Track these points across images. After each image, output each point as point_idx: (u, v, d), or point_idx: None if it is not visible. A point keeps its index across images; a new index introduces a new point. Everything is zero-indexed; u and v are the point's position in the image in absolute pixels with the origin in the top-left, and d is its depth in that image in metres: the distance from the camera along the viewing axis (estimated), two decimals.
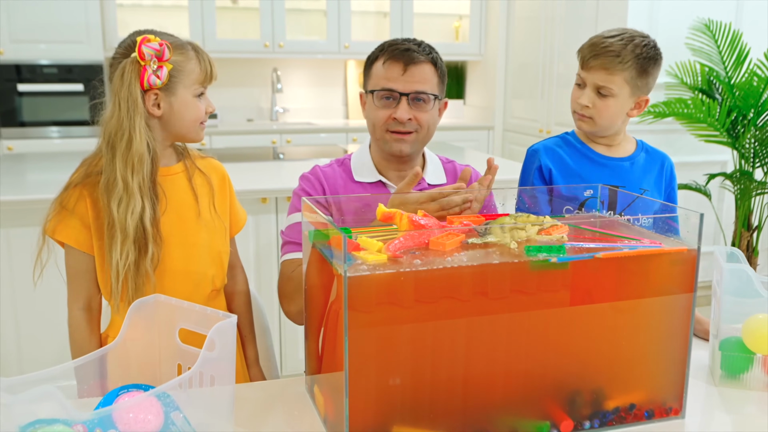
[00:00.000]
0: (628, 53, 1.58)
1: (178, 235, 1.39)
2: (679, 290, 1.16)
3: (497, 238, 1.12)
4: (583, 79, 1.65)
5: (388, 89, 1.52)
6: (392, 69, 1.52)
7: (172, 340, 1.09)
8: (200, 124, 1.41)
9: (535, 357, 1.11)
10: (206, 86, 1.41)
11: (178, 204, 1.41)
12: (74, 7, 4.17)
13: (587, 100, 1.62)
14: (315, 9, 4.98)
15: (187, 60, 1.36)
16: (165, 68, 1.33)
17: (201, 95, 1.40)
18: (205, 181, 1.47)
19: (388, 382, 1.05)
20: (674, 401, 1.21)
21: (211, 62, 1.41)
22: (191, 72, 1.36)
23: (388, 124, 1.53)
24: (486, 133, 5.17)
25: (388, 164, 1.62)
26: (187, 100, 1.37)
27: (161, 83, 1.33)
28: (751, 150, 3.44)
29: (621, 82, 1.60)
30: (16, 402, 0.75)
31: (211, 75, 1.40)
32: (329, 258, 1.08)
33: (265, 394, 1.30)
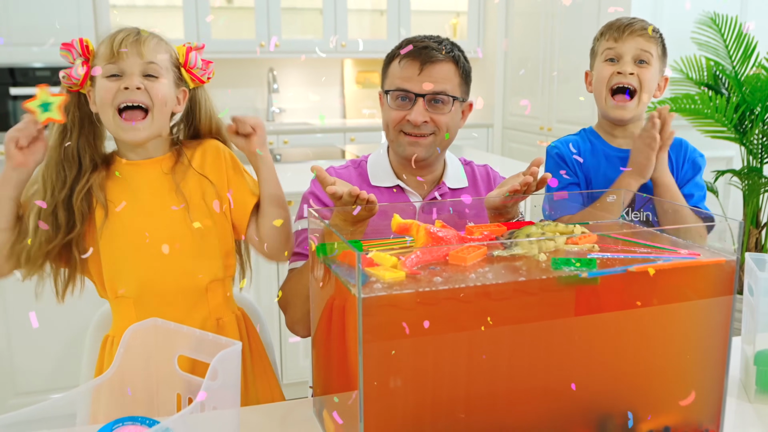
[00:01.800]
0: (654, 30, 1.58)
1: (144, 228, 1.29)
2: (716, 306, 1.08)
3: (524, 250, 1.04)
4: (618, 53, 1.56)
5: (402, 90, 1.43)
6: (408, 68, 1.42)
7: (171, 368, 1.01)
8: (116, 113, 1.25)
9: (563, 378, 1.03)
10: (116, 62, 1.25)
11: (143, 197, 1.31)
12: (67, 10, 4.07)
13: (630, 68, 1.55)
14: (311, 7, 4.89)
15: (101, 45, 1.28)
16: (79, 63, 1.27)
17: (114, 76, 1.25)
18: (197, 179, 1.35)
19: (407, 407, 0.97)
20: (710, 423, 1.13)
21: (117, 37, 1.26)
22: (101, 55, 1.27)
23: (401, 125, 1.44)
24: (486, 131, 5.10)
25: (404, 168, 1.52)
26: (99, 86, 1.26)
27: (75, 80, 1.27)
28: (759, 146, 3.37)
29: (656, 52, 1.57)
30: None
31: (111, 49, 1.25)
32: (340, 276, 1.00)
33: (270, 419, 1.21)
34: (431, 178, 1.54)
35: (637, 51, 1.55)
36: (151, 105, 1.26)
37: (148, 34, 1.29)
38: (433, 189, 1.54)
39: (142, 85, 1.25)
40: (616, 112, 1.58)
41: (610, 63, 1.58)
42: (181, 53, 1.34)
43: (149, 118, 1.27)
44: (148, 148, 1.33)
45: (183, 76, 1.35)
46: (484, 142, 5.09)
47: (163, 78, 1.28)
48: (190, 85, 1.37)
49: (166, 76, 1.29)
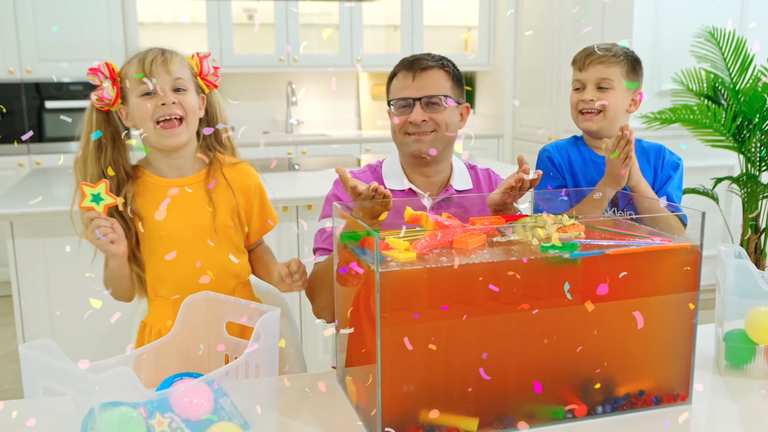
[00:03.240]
0: (618, 51, 1.76)
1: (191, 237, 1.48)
2: (683, 284, 1.26)
3: (519, 236, 1.22)
4: (581, 81, 1.78)
5: (401, 98, 1.63)
6: (404, 79, 1.64)
7: (220, 333, 1.20)
8: (156, 125, 1.43)
9: (550, 347, 1.21)
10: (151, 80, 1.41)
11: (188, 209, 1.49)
12: (98, 27, 4.32)
13: (591, 94, 1.75)
14: (328, 23, 5.11)
15: (129, 66, 1.44)
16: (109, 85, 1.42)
17: (147, 94, 1.42)
18: (229, 191, 1.54)
19: (417, 370, 1.15)
20: (681, 388, 1.30)
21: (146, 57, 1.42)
22: (131, 75, 1.43)
23: (405, 127, 1.63)
24: (496, 141, 5.28)
25: (413, 170, 1.70)
26: (133, 103, 1.43)
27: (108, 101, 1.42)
28: (757, 154, 3.53)
29: (618, 75, 1.74)
30: (98, 380, 0.86)
31: (143, 67, 1.40)
32: (361, 257, 1.18)
33: (300, 385, 1.40)
34: (439, 180, 1.72)
35: (597, 79, 1.75)
36: (185, 114, 1.45)
37: (171, 53, 1.47)
38: (441, 191, 1.72)
39: (176, 99, 1.44)
40: (584, 124, 1.80)
41: (577, 91, 1.79)
42: (195, 63, 1.52)
43: (184, 125, 1.46)
44: (184, 168, 1.51)
45: (199, 83, 1.53)
46: (495, 152, 5.27)
47: (189, 89, 1.47)
48: (206, 91, 1.54)
49: (190, 87, 1.48)
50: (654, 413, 1.27)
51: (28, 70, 4.24)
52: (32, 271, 2.61)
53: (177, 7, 4.84)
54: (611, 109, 1.74)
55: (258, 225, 1.61)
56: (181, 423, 1.06)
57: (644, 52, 1.81)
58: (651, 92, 3.87)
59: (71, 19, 4.26)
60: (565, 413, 1.23)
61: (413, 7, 5.06)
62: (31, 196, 2.80)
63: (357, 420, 1.24)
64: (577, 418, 1.23)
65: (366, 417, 1.21)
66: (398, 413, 1.16)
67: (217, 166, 1.56)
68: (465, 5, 5.42)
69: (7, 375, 3.26)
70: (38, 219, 2.56)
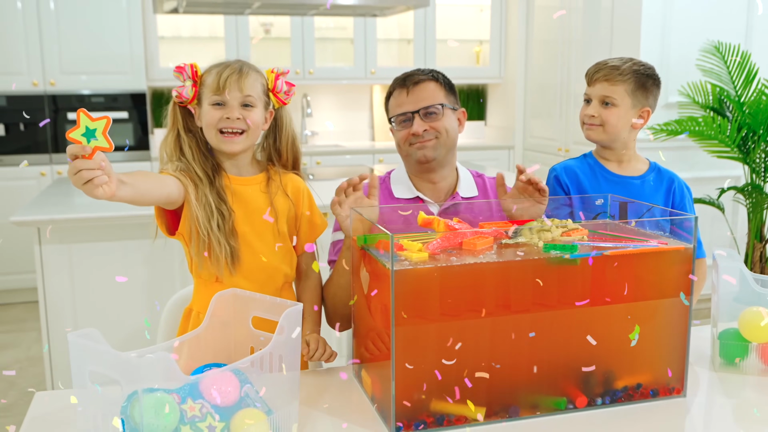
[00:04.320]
0: (627, 68, 1.83)
1: (253, 235, 1.58)
2: (677, 283, 1.35)
3: (526, 239, 1.31)
4: (589, 95, 1.88)
5: (400, 113, 1.74)
6: (400, 95, 1.75)
7: (246, 327, 1.29)
8: (219, 133, 1.54)
9: (553, 341, 1.30)
10: (222, 94, 1.52)
11: (251, 209, 1.59)
12: (120, 41, 4.47)
13: (593, 110, 1.85)
14: (343, 37, 5.24)
15: (208, 75, 1.55)
16: (190, 86, 1.55)
17: (218, 104, 1.53)
18: (284, 195, 1.64)
19: (429, 362, 1.24)
20: (676, 382, 1.38)
21: (223, 72, 1.53)
22: (208, 85, 1.54)
23: (409, 140, 1.73)
24: (507, 152, 5.37)
25: (420, 179, 1.80)
26: (205, 109, 1.54)
27: (186, 98, 1.55)
28: (762, 165, 3.60)
29: (622, 92, 1.82)
30: (141, 364, 0.96)
31: (218, 83, 1.52)
32: (377, 257, 1.28)
33: (319, 379, 1.50)
34: (445, 186, 1.81)
35: (601, 96, 1.84)
36: (246, 128, 1.56)
37: (248, 69, 1.58)
38: (448, 198, 1.81)
39: (241, 115, 1.55)
40: (586, 133, 1.90)
41: (585, 104, 1.89)
42: (270, 79, 1.62)
43: (244, 136, 1.57)
44: (241, 168, 1.62)
45: (270, 98, 1.63)
46: (506, 163, 5.36)
47: (257, 106, 1.58)
48: (276, 106, 1.65)
49: (259, 104, 1.58)
50: (650, 405, 1.35)
51: (51, 83, 4.39)
52: (58, 277, 2.73)
53: (196, 21, 4.99)
54: (611, 125, 1.83)
55: (307, 231, 1.69)
56: (210, 408, 1.15)
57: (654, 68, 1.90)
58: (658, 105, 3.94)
59: (93, 33, 4.41)
60: (567, 404, 1.32)
61: (426, 21, 5.18)
62: (56, 204, 2.92)
63: (372, 409, 1.34)
64: (577, 409, 1.32)
65: (380, 406, 1.31)
66: (411, 404, 1.25)
67: (274, 171, 1.66)
68: (477, 19, 5.54)
69: (30, 378, 3.37)
70: (65, 225, 2.68)
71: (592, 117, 1.85)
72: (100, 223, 2.71)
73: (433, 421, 1.25)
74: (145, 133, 4.64)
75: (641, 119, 1.86)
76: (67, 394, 1.33)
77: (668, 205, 1.93)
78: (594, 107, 1.85)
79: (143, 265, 2.80)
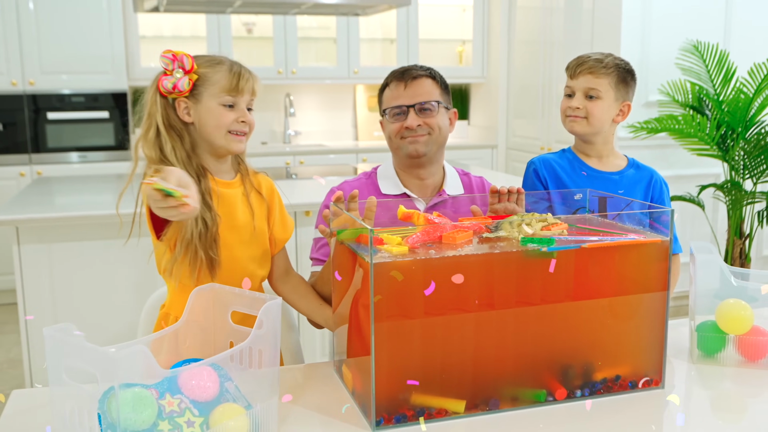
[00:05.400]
0: (609, 62, 1.85)
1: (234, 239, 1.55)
2: (655, 276, 1.36)
3: (507, 233, 1.32)
4: (571, 88, 1.88)
5: (396, 106, 1.75)
6: (396, 88, 1.76)
7: (226, 322, 1.29)
8: (229, 133, 1.51)
9: (532, 335, 1.30)
10: (236, 96, 1.50)
11: (233, 213, 1.56)
12: (100, 40, 4.44)
13: (578, 102, 1.85)
14: (325, 37, 5.23)
15: (215, 72, 1.50)
16: (187, 77, 1.49)
17: (231, 106, 1.50)
18: (259, 196, 1.63)
19: (409, 355, 1.24)
20: (654, 374, 1.39)
21: (242, 75, 1.51)
22: (217, 82, 1.49)
23: (401, 132, 1.74)
24: (490, 151, 5.39)
25: (408, 174, 1.80)
26: (210, 107, 1.49)
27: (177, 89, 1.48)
28: (741, 162, 3.64)
29: (606, 85, 1.83)
30: (119, 357, 0.95)
31: (238, 86, 1.49)
32: (357, 251, 1.28)
33: (299, 374, 1.49)
34: (432, 183, 1.82)
35: (585, 88, 1.85)
36: (248, 131, 1.56)
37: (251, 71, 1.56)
38: (435, 196, 1.82)
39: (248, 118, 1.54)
40: (569, 125, 1.90)
41: (567, 98, 1.89)
42: None
43: (245, 137, 1.56)
44: (224, 170, 1.59)
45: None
46: (489, 162, 5.38)
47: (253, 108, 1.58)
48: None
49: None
50: (629, 397, 1.36)
51: (30, 82, 4.35)
52: (37, 277, 2.70)
53: (177, 20, 4.96)
54: (595, 118, 1.84)
55: (279, 231, 1.68)
56: (189, 404, 1.15)
57: (632, 65, 1.91)
58: (638, 103, 3.99)
59: (74, 33, 4.38)
60: (546, 396, 1.32)
61: (409, 21, 5.19)
62: (35, 203, 2.89)
63: (353, 404, 1.33)
64: (557, 401, 1.33)
65: (361, 401, 1.31)
66: (391, 397, 1.25)
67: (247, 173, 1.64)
68: (459, 19, 5.55)
69: (10, 380, 3.34)
70: (44, 225, 2.65)
71: (576, 109, 1.85)
72: (80, 222, 2.68)
73: (413, 415, 1.26)
74: (126, 132, 4.61)
75: (621, 113, 1.87)
76: (45, 392, 1.31)
77: (647, 200, 1.94)
78: (578, 99, 1.85)
79: (125, 265, 2.78)
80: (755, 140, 3.55)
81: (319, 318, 1.69)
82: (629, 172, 1.92)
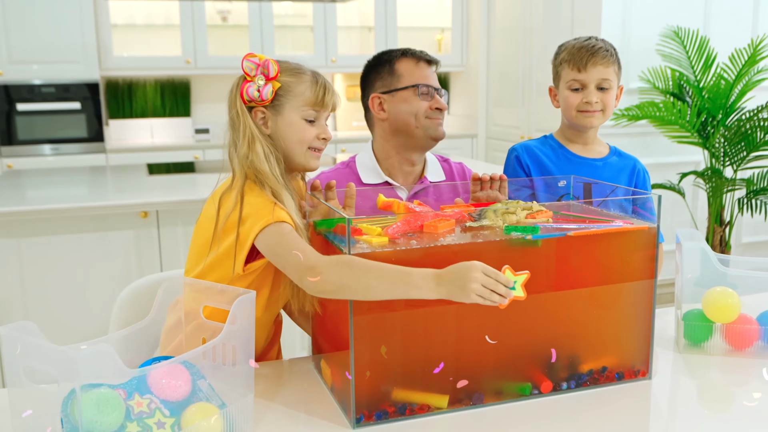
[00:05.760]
0: (611, 48, 1.80)
1: None
2: (642, 264, 1.32)
3: (491, 222, 1.27)
4: (581, 82, 1.78)
5: (428, 85, 1.72)
6: (424, 68, 1.73)
7: (197, 317, 1.23)
8: (308, 149, 1.41)
9: (516, 327, 1.26)
10: (319, 111, 1.41)
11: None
12: (71, 29, 4.32)
13: (595, 96, 1.78)
14: (302, 25, 5.15)
15: (299, 82, 1.39)
16: (270, 85, 1.37)
17: (313, 121, 1.41)
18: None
19: (389, 350, 1.20)
20: (642, 364, 1.36)
21: (327, 89, 1.41)
22: (301, 94, 1.38)
23: (428, 112, 1.70)
24: (470, 140, 5.35)
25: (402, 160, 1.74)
26: (292, 120, 1.38)
27: (261, 98, 1.36)
28: (721, 149, 3.63)
29: (613, 74, 1.79)
30: (80, 357, 0.89)
31: (323, 101, 1.40)
32: (334, 242, 1.22)
33: (276, 371, 1.44)
34: (417, 170, 1.77)
35: (598, 80, 1.77)
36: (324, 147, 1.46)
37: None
38: (416, 183, 1.77)
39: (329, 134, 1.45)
40: (585, 121, 1.81)
41: (576, 92, 1.80)
42: None
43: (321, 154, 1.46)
44: None
45: None
46: (469, 151, 5.34)
47: None
48: None
49: None
50: (616, 388, 1.33)
51: None
52: (7, 273, 2.61)
53: (150, 8, 4.85)
54: (610, 109, 1.81)
55: None
56: (159, 404, 1.09)
57: None
58: None
59: (43, 22, 4.26)
60: (532, 389, 1.28)
61: (387, 9, 5.12)
62: (4, 197, 2.80)
63: (332, 400, 1.29)
64: (542, 394, 1.29)
65: (340, 397, 1.26)
66: (371, 393, 1.20)
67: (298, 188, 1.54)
68: (438, 7, 5.49)
69: None
70: (14, 219, 2.57)
71: (596, 103, 1.78)
72: (52, 215, 2.60)
73: (395, 411, 1.21)
74: (100, 124, 4.50)
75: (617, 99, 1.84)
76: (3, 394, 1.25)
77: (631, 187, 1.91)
78: (594, 93, 1.77)
79: (99, 260, 2.70)
80: (736, 127, 3.54)
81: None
82: (612, 159, 1.89)
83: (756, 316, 1.49)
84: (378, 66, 1.75)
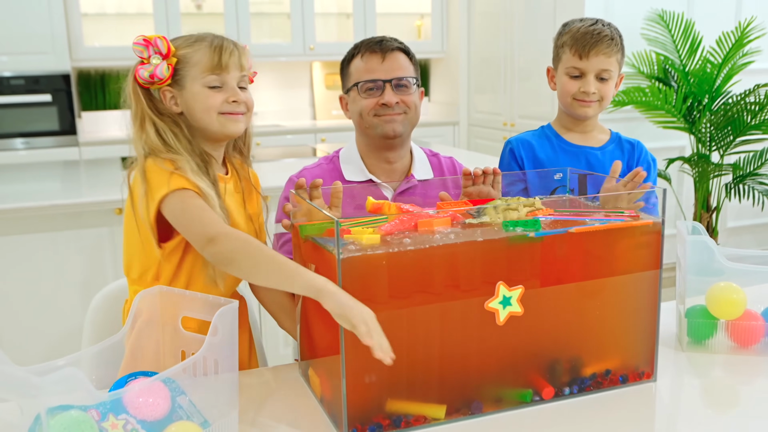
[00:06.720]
0: (616, 36, 1.70)
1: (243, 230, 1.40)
2: (646, 261, 1.25)
3: (491, 219, 1.19)
4: (581, 70, 1.70)
5: (371, 80, 1.58)
6: (371, 60, 1.58)
7: (176, 328, 1.14)
8: (220, 115, 1.34)
9: (516, 329, 1.19)
10: (222, 74, 1.34)
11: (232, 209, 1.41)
12: (39, 18, 4.16)
13: (593, 87, 1.69)
14: (279, 12, 5.03)
15: (194, 52, 1.34)
16: (164, 63, 1.32)
17: (220, 87, 1.34)
18: (255, 192, 1.51)
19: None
20: (646, 366, 1.30)
21: (224, 50, 1.34)
22: (197, 62, 1.33)
23: (375, 110, 1.58)
24: (452, 128, 5.27)
25: (375, 158, 1.65)
26: (194, 92, 1.33)
27: (157, 77, 1.31)
28: (707, 134, 3.59)
29: (615, 63, 1.70)
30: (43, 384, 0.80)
31: (221, 63, 1.33)
32: (323, 245, 1.14)
33: (262, 380, 1.36)
34: (400, 168, 1.67)
35: (599, 70, 1.69)
36: (246, 111, 1.38)
37: (237, 43, 1.38)
38: (403, 181, 1.68)
39: (242, 97, 1.36)
40: (581, 111, 1.74)
41: (574, 79, 1.71)
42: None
43: (245, 117, 1.39)
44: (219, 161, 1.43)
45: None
46: (451, 139, 5.27)
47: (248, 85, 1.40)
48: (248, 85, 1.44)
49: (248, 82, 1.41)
50: (620, 392, 1.26)
51: None
52: None
53: None
54: (608, 100, 1.73)
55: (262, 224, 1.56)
56: (136, 424, 1.01)
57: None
58: None
59: (9, 11, 4.10)
60: (533, 396, 1.22)
61: None
62: None
63: (322, 413, 1.21)
64: (544, 401, 1.22)
65: (331, 409, 1.18)
66: (364, 404, 1.13)
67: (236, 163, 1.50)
68: None
69: None
70: None
71: (593, 93, 1.70)
72: (21, 214, 2.48)
73: (389, 424, 1.14)
74: (72, 116, 4.36)
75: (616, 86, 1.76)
76: None
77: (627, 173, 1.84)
78: (592, 83, 1.69)
79: (71, 260, 2.59)
80: (722, 111, 3.50)
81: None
82: (611, 147, 1.82)
83: (761, 311, 1.43)
84: (342, 65, 1.67)
